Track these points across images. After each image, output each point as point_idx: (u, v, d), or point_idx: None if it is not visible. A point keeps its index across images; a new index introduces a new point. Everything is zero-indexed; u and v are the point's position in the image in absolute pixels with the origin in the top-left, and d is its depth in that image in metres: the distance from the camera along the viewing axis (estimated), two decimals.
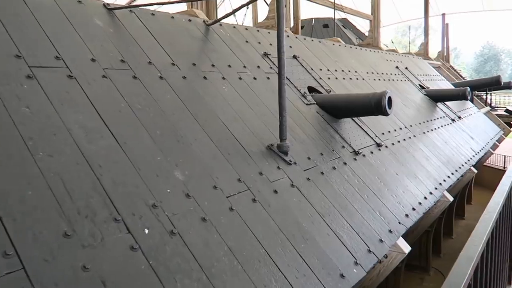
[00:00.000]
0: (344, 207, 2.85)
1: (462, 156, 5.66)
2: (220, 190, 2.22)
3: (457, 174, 4.96)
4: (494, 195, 2.70)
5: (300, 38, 5.25)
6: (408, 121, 5.37)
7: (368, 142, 4.02)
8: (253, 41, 4.17)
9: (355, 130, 4.05)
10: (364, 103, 3.70)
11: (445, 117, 6.85)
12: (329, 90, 4.43)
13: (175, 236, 1.81)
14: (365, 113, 3.88)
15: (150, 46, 2.89)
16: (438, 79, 9.41)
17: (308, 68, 4.57)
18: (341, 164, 3.32)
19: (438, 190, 4.19)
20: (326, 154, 3.30)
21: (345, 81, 5.07)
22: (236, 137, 2.70)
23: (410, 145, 4.70)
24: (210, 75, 3.11)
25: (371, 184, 3.36)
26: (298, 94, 3.88)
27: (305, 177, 2.85)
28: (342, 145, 3.60)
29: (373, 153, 3.89)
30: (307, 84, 4.24)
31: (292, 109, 3.56)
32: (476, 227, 2.33)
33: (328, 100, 4.00)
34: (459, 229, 10.07)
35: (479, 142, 6.95)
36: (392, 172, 3.83)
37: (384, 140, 4.30)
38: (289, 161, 2.86)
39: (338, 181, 3.09)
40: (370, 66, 6.34)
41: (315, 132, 3.48)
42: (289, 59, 4.44)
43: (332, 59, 5.43)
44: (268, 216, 2.31)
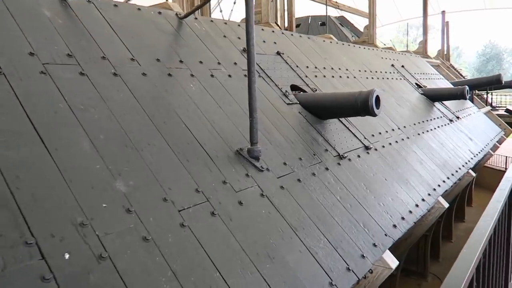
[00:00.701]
0: (322, 219, 2.56)
1: (459, 158, 5.35)
2: (171, 202, 1.93)
3: (454, 178, 4.66)
4: (491, 200, 2.48)
5: (287, 34, 4.96)
6: (402, 122, 5.06)
7: (356, 145, 3.72)
8: (232, 36, 3.88)
9: (341, 132, 3.75)
10: (349, 102, 3.40)
11: (443, 117, 6.54)
12: (314, 88, 4.13)
13: (105, 261, 1.52)
14: (351, 114, 3.58)
15: (107, 40, 2.59)
16: (437, 78, 9.09)
17: (293, 66, 4.27)
18: (322, 170, 3.03)
19: (432, 197, 3.89)
20: (306, 159, 3.00)
21: (334, 79, 4.77)
22: (199, 141, 2.40)
23: (403, 147, 4.40)
24: (176, 72, 2.82)
25: (355, 192, 3.06)
26: (278, 93, 3.58)
27: (278, 185, 2.56)
28: (325, 148, 3.31)
29: (360, 156, 3.59)
30: (291, 82, 3.94)
31: (270, 109, 3.26)
32: (471, 234, 2.07)
33: (311, 99, 3.70)
34: (459, 233, 9.75)
35: (478, 143, 6.64)
36: (381, 177, 3.53)
37: (373, 143, 4.00)
38: (261, 167, 2.56)
39: (318, 189, 2.79)
40: (363, 64, 6.04)
41: (295, 135, 3.19)
42: (272, 56, 4.14)
43: (322, 56, 5.13)
44: (228, 232, 2.01)
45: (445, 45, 14.89)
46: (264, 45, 4.22)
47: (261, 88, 3.43)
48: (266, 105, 3.26)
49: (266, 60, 3.95)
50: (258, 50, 4.01)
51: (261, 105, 3.20)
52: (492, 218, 2.24)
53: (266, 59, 3.96)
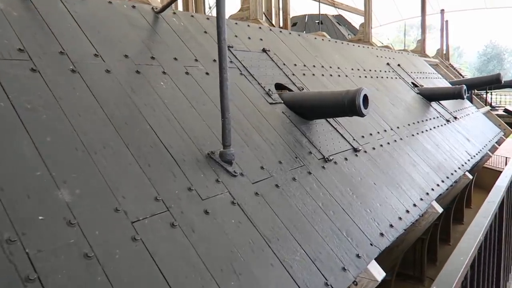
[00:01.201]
0: (300, 228, 2.35)
1: (455, 160, 5.14)
2: (124, 213, 1.73)
3: (449, 182, 4.45)
4: (486, 200, 2.29)
5: (275, 31, 4.76)
6: (395, 122, 4.86)
7: (343, 147, 3.52)
8: (214, 32, 3.66)
9: (328, 133, 3.55)
10: (336, 102, 3.20)
11: (439, 117, 6.33)
12: (301, 87, 3.93)
13: (33, 283, 1.32)
14: (339, 114, 3.38)
15: (68, 34, 2.40)
16: (434, 77, 8.88)
17: (280, 63, 4.07)
18: (304, 174, 2.82)
19: (424, 201, 3.69)
20: (286, 162, 2.80)
21: (324, 78, 4.57)
22: (164, 144, 2.20)
23: (395, 149, 4.20)
24: (145, 69, 2.62)
25: (340, 198, 2.86)
26: (261, 92, 3.38)
27: (252, 192, 2.36)
28: (309, 151, 3.10)
29: (348, 159, 3.39)
30: (276, 80, 3.74)
31: (250, 109, 3.06)
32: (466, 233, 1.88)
33: (296, 99, 3.50)
34: (458, 235, 9.52)
35: (476, 144, 6.43)
36: (369, 181, 3.32)
37: (363, 144, 3.80)
38: (234, 172, 2.36)
39: (298, 195, 2.59)
40: (356, 63, 5.83)
41: (277, 136, 2.99)
42: (258, 53, 3.94)
43: (312, 54, 4.93)
44: (190, 245, 1.81)
45: (444, 44, 14.65)
46: (249, 41, 4.02)
47: (241, 86, 3.24)
48: (245, 105, 3.06)
49: (250, 57, 3.75)
50: (242, 47, 3.81)
51: (240, 105, 3.01)
52: (486, 218, 2.09)
53: (250, 57, 3.76)
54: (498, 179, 2.59)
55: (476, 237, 1.72)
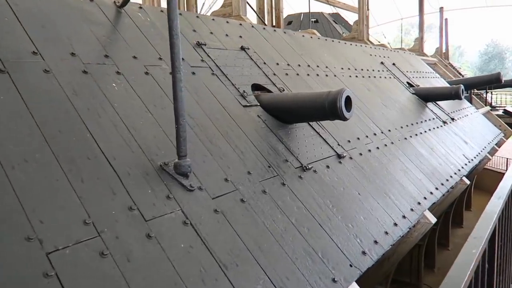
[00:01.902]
0: (266, 250, 2.06)
1: (451, 165, 4.84)
2: (38, 242, 1.43)
3: (443, 189, 4.15)
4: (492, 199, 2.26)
5: (258, 28, 4.46)
6: (387, 125, 4.55)
7: (326, 153, 3.22)
8: (187, 29, 3.38)
9: (310, 138, 3.25)
10: (316, 104, 2.89)
11: (435, 119, 6.02)
12: (282, 88, 3.63)
13: None
14: (319, 117, 3.08)
15: (3, 30, 2.10)
16: (432, 76, 8.57)
17: (260, 62, 3.77)
18: (277, 186, 2.52)
19: (415, 212, 3.38)
20: (257, 173, 2.50)
21: (310, 78, 4.27)
22: (106, 155, 1.91)
23: (385, 154, 3.89)
24: (95, 68, 2.32)
25: (317, 212, 2.56)
26: (234, 93, 3.08)
27: (212, 208, 2.06)
28: (285, 158, 2.80)
29: (330, 167, 3.09)
30: (253, 81, 3.44)
31: (219, 113, 2.76)
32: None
33: (274, 101, 3.20)
34: (457, 239, 9.21)
35: (474, 147, 6.12)
36: (353, 192, 3.02)
37: (349, 150, 3.49)
38: (190, 186, 2.06)
39: (267, 210, 2.29)
40: (347, 61, 5.53)
41: (248, 143, 2.69)
42: (235, 51, 3.64)
43: (298, 52, 4.63)
44: (121, 278, 1.51)
45: (443, 42, 14.34)
46: (227, 39, 3.73)
47: (211, 88, 2.94)
48: (214, 108, 2.76)
49: (226, 55, 3.45)
50: (217, 45, 3.52)
51: (208, 108, 2.71)
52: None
53: (226, 55, 3.46)
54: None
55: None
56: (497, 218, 2.15)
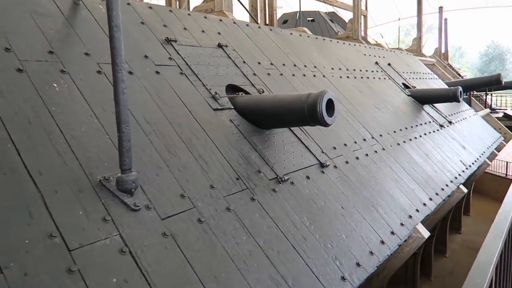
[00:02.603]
0: (223, 282, 1.74)
1: (447, 172, 4.53)
2: None
3: (438, 199, 3.84)
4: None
5: (241, 25, 4.15)
6: (379, 129, 4.24)
7: (307, 162, 2.91)
8: (155, 24, 3.07)
9: (289, 145, 2.94)
10: (294, 108, 2.59)
11: (431, 122, 5.71)
12: (262, 89, 3.32)
13: None
14: (298, 122, 2.77)
15: None
16: (429, 77, 8.26)
17: (239, 61, 3.46)
18: (245, 201, 2.21)
19: (406, 227, 3.08)
20: (222, 187, 2.19)
21: (295, 78, 3.96)
22: (30, 169, 1.60)
23: (374, 162, 3.58)
24: (34, 66, 2.01)
25: (291, 231, 2.25)
26: (205, 94, 2.77)
27: (160, 232, 1.75)
28: (257, 169, 2.49)
29: (311, 178, 2.78)
30: (229, 81, 3.14)
31: (184, 117, 2.45)
32: None
33: (249, 103, 2.89)
34: (455, 246, 8.90)
35: (472, 152, 5.81)
36: (336, 206, 2.71)
37: (333, 158, 3.19)
38: (134, 205, 1.75)
39: (229, 231, 1.98)
40: (339, 61, 5.22)
41: (215, 151, 2.38)
42: (211, 49, 3.33)
43: (284, 51, 4.32)
44: None
45: (443, 43, 14.03)
46: (203, 35, 3.42)
47: (178, 88, 2.63)
48: (178, 112, 2.45)
49: (199, 53, 3.14)
50: (191, 42, 3.21)
51: (170, 112, 2.40)
52: None
53: (199, 53, 3.15)
54: None
55: None
56: None
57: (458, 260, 8.58)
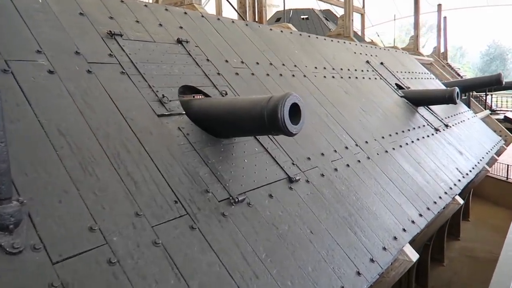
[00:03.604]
0: None
1: (441, 182, 4.10)
2: None
3: (429, 214, 3.41)
4: None
5: (210, 19, 3.72)
6: (364, 135, 3.81)
7: (272, 177, 2.48)
8: (99, 15, 2.65)
9: (252, 157, 2.51)
10: (253, 114, 2.16)
11: (426, 126, 5.28)
12: (225, 91, 2.89)
13: None
14: (259, 131, 2.34)
15: None
16: (426, 77, 7.82)
17: (201, 59, 3.03)
18: (181, 232, 1.78)
19: (389, 251, 2.64)
20: (152, 214, 1.76)
21: (269, 78, 3.53)
22: None
23: (356, 174, 3.15)
24: None
25: (238, 268, 1.81)
26: (150, 98, 2.35)
27: (47, 282, 1.32)
28: (205, 188, 2.06)
29: (274, 196, 2.35)
30: (186, 82, 2.71)
31: (116, 125, 2.03)
32: None
33: (203, 108, 2.46)
34: (453, 254, 8.46)
35: (470, 158, 5.37)
36: (303, 230, 2.28)
37: (306, 170, 2.76)
38: (13, 246, 1.33)
39: (151, 275, 1.55)
40: (324, 60, 4.79)
41: (151, 168, 1.95)
42: (168, 45, 2.90)
43: (260, 48, 3.89)
44: None
45: (441, 41, 13.58)
46: (159, 29, 2.99)
47: (113, 90, 2.20)
48: (107, 119, 2.02)
49: (151, 49, 2.72)
50: (141, 36, 2.78)
51: (97, 120, 1.97)
52: None
53: (151, 49, 2.73)
54: None
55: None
56: None
57: (456, 270, 8.15)
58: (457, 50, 53.61)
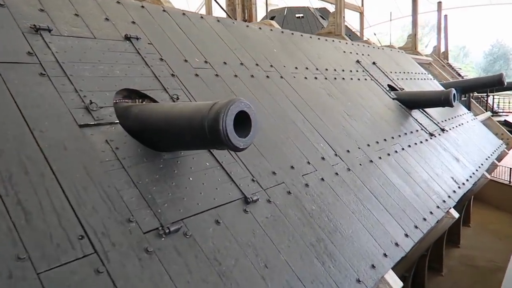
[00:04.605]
0: None
1: (434, 195, 3.69)
2: None
3: (417, 234, 3.00)
4: None
5: (174, 14, 3.32)
6: (347, 143, 3.41)
7: (222, 198, 2.08)
8: (26, 7, 2.27)
9: (201, 174, 2.11)
10: (194, 125, 1.77)
11: (420, 130, 4.87)
12: (176, 95, 2.50)
13: None
14: (202, 145, 1.95)
15: None
16: (423, 78, 7.40)
17: (152, 58, 2.64)
18: (82, 277, 1.39)
19: (364, 284, 2.24)
20: (42, 256, 1.37)
21: (237, 80, 3.13)
22: None
23: (332, 189, 2.75)
24: None
25: None
26: (73, 104, 1.96)
27: None
28: (127, 217, 1.67)
29: (222, 222, 1.95)
30: (126, 85, 2.32)
31: (16, 139, 1.64)
32: None
33: (140, 117, 2.07)
34: (452, 262, 8.03)
35: (467, 165, 4.96)
36: (255, 264, 1.88)
37: (269, 188, 2.36)
38: None
39: None
40: (307, 59, 4.39)
41: (54, 193, 1.56)
42: (111, 42, 2.52)
43: (230, 46, 3.50)
44: None
45: (442, 40, 13.14)
46: (105, 24, 2.61)
47: (23, 96, 1.82)
48: (4, 132, 1.63)
49: (88, 47, 2.33)
50: (78, 31, 2.40)
51: None
52: None
53: (88, 46, 2.34)
54: None
55: None
56: None
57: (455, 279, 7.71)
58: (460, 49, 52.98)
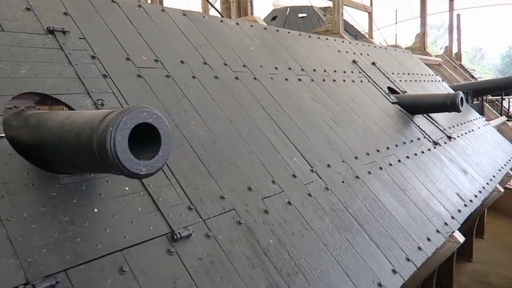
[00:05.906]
0: None
1: (434, 216, 3.13)
2: None
3: (410, 267, 2.45)
4: None
5: (126, 6, 2.86)
6: (329, 156, 2.89)
7: (138, 235, 1.59)
8: None
9: (113, 203, 1.62)
10: (82, 141, 1.29)
11: (422, 138, 4.31)
12: (101, 101, 2.02)
13: None
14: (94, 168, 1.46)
15: None
16: (430, 80, 6.81)
17: (80, 56, 2.18)
18: None
19: None
20: None
21: (194, 81, 2.65)
22: None
23: (300, 216, 2.23)
24: None
25: None
26: None
27: None
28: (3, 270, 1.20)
29: (130, 270, 1.46)
30: (30, 88, 1.85)
31: None
32: None
33: (33, 129, 1.59)
34: (463, 278, 7.37)
35: (477, 178, 4.37)
36: None
37: (211, 218, 1.86)
38: None
39: None
40: (292, 59, 3.89)
41: None
42: (24, 35, 2.06)
43: (193, 43, 3.02)
44: None
45: (454, 41, 12.46)
46: (22, 15, 2.16)
47: None
48: None
49: None
50: None
51: None
52: None
53: None
54: None
55: None
56: None
57: None
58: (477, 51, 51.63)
